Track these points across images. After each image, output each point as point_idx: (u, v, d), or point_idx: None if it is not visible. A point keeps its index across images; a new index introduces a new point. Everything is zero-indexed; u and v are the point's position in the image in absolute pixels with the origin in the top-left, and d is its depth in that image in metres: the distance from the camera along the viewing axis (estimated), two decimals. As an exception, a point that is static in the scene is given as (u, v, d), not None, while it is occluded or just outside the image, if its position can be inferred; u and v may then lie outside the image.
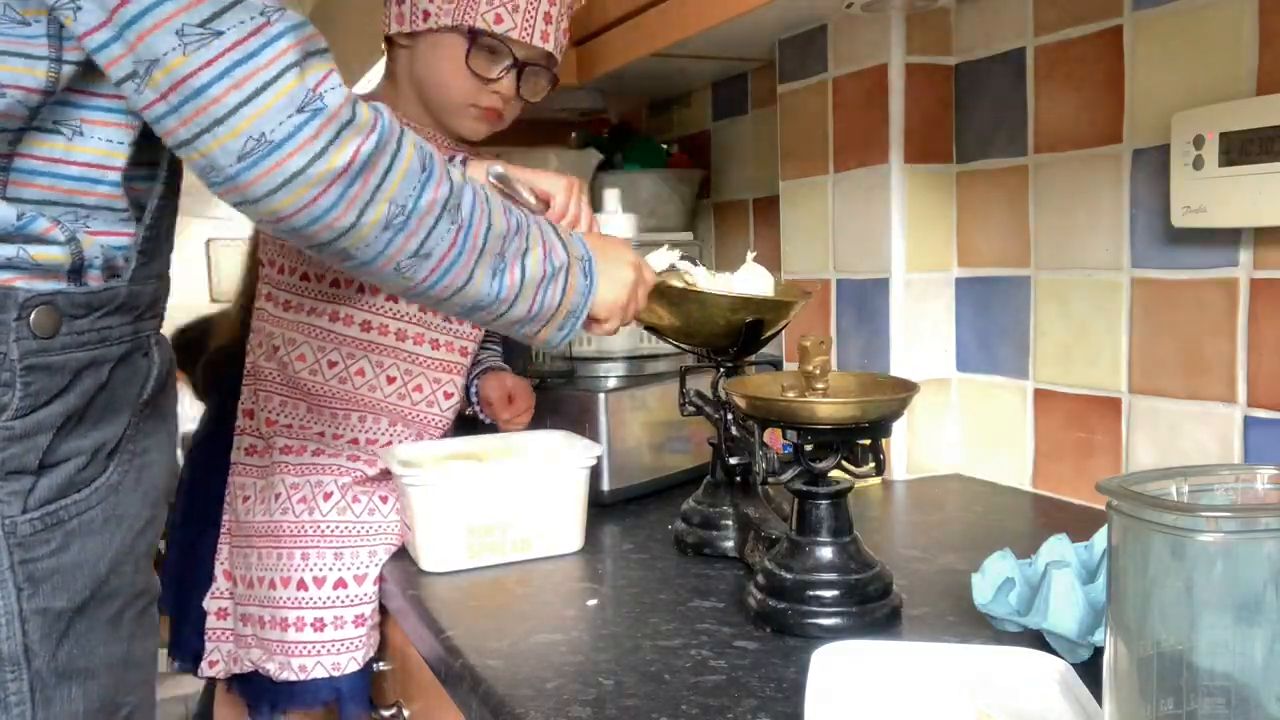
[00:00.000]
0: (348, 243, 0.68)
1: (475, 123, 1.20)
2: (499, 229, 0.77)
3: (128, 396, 0.73)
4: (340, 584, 1.09)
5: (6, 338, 0.64)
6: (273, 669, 1.10)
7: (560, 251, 0.85)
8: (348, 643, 1.09)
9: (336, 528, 1.11)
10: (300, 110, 0.62)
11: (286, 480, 1.14)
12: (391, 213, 0.68)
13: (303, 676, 1.08)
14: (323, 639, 1.09)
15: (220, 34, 0.60)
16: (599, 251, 0.90)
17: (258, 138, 0.61)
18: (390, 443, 1.18)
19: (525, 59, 1.17)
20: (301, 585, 1.09)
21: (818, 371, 0.85)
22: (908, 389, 0.84)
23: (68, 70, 0.64)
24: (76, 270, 0.68)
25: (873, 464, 0.85)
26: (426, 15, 1.14)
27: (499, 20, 1.13)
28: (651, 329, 1.04)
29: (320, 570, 1.10)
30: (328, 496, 1.12)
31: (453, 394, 1.21)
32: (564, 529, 1.06)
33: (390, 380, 1.18)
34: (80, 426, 0.69)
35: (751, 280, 1.02)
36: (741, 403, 0.86)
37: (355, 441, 1.17)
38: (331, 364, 1.18)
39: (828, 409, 0.81)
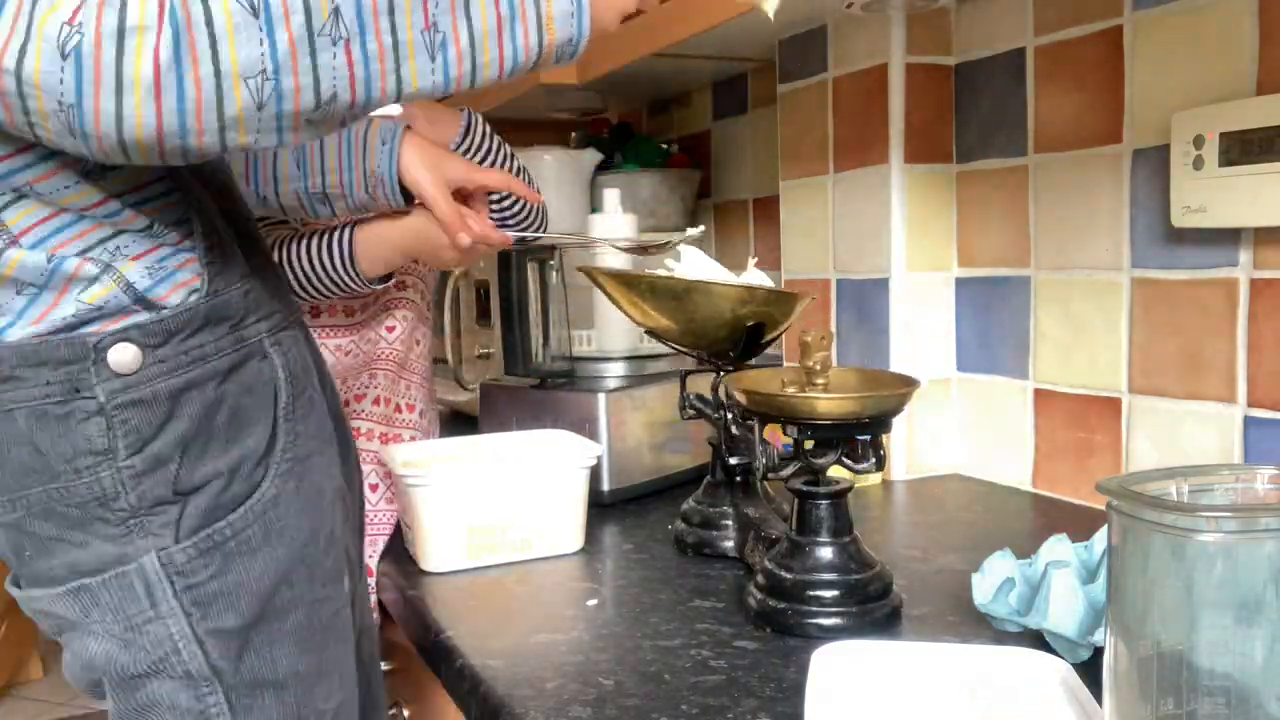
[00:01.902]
0: (235, 141, 0.57)
1: None
2: (407, 5, 0.59)
3: (259, 407, 0.72)
4: None
5: (90, 384, 0.65)
6: None
7: None
8: None
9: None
10: (65, 56, 0.52)
11: None
12: (254, 86, 0.55)
13: None
14: None
15: None
16: None
17: (58, 103, 0.53)
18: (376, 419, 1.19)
19: None
20: None
21: (818, 367, 0.85)
22: (908, 384, 0.84)
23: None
24: (141, 299, 0.67)
25: (873, 460, 0.85)
26: None
27: None
28: (652, 332, 1.04)
29: None
30: None
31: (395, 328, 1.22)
32: (564, 529, 1.06)
33: (347, 354, 1.21)
34: (209, 449, 0.69)
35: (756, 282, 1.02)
36: (741, 398, 0.86)
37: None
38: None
39: (828, 404, 0.81)
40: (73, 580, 0.68)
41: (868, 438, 0.84)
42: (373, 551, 1.10)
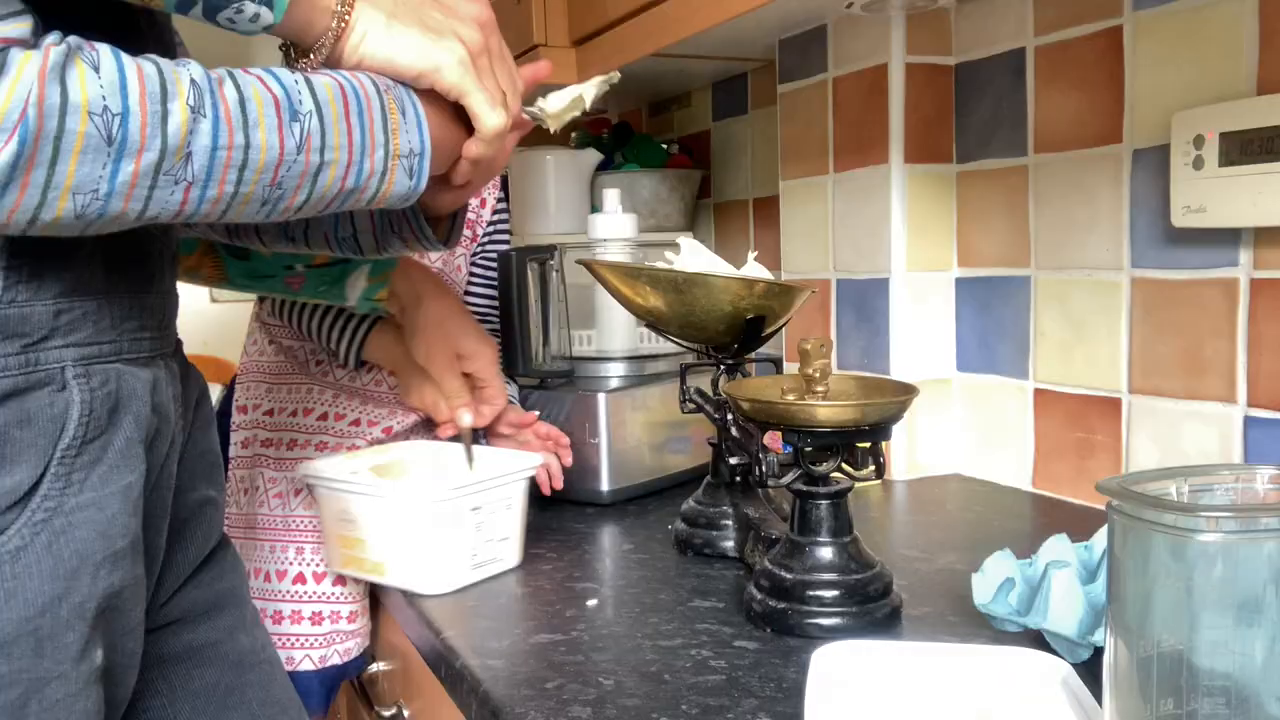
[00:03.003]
0: (35, 232, 0.56)
1: None
2: (263, 161, 0.60)
3: (33, 443, 0.60)
4: (300, 579, 1.11)
5: None
6: None
7: (377, 156, 0.66)
8: (301, 639, 1.10)
9: (305, 523, 1.12)
10: None
11: (265, 474, 1.17)
12: (81, 203, 0.55)
13: None
14: (281, 632, 1.10)
15: None
16: (433, 133, 0.69)
17: None
18: (359, 426, 1.20)
19: None
20: (265, 577, 1.11)
21: (818, 375, 0.85)
22: (908, 392, 0.84)
23: None
24: None
25: (873, 467, 0.85)
26: None
27: None
28: (653, 326, 1.04)
29: (282, 564, 1.11)
30: (298, 493, 1.15)
31: None
32: (413, 563, 0.96)
33: (393, 371, 1.22)
34: None
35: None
36: (742, 405, 0.86)
37: (327, 431, 1.20)
38: (318, 361, 1.22)
39: (827, 412, 0.81)
40: None
41: (867, 445, 0.84)
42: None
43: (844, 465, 0.84)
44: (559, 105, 0.85)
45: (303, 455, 1.17)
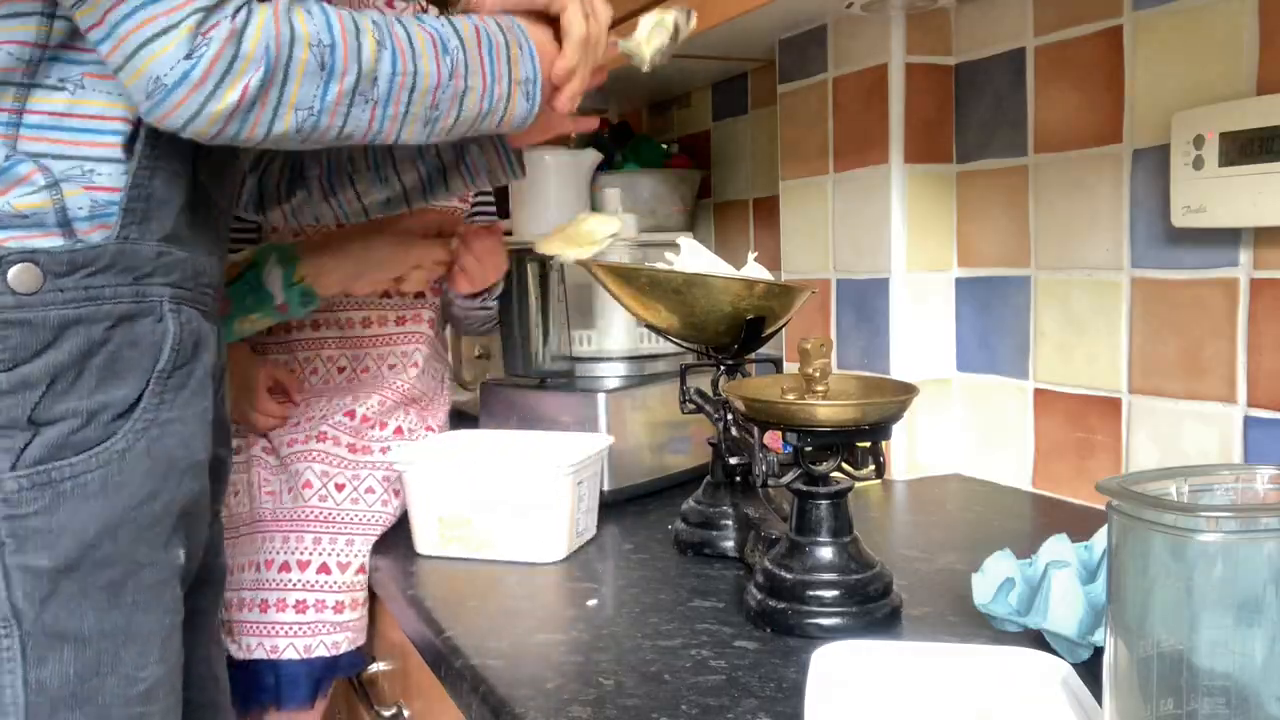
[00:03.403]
0: (271, 143, 0.72)
1: None
2: (426, 85, 0.77)
3: (138, 362, 0.73)
4: (285, 567, 1.11)
5: None
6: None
7: (503, 84, 0.82)
8: (285, 627, 1.10)
9: (294, 513, 1.14)
10: (187, 56, 0.65)
11: (260, 475, 1.18)
12: (300, 118, 0.71)
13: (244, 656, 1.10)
14: (266, 620, 1.10)
15: None
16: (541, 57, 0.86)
17: (154, 80, 0.66)
18: (370, 418, 1.23)
19: None
20: (255, 568, 1.12)
21: (818, 374, 0.85)
22: (908, 391, 0.84)
23: (60, 25, 0.68)
24: (65, 225, 0.69)
25: (873, 466, 0.85)
26: None
27: None
28: (653, 327, 1.04)
29: (269, 554, 1.12)
30: (290, 490, 1.16)
31: (418, 363, 1.29)
32: (531, 535, 1.04)
33: (340, 370, 1.28)
34: (76, 386, 0.69)
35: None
36: (741, 405, 0.86)
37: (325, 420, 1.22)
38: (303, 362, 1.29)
39: (827, 411, 0.81)
40: None
41: (867, 444, 0.84)
42: (355, 550, 1.13)
43: (844, 465, 0.84)
44: (643, 33, 0.96)
45: (303, 449, 1.18)
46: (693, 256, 1.01)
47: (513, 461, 1.13)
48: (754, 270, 1.03)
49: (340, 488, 1.15)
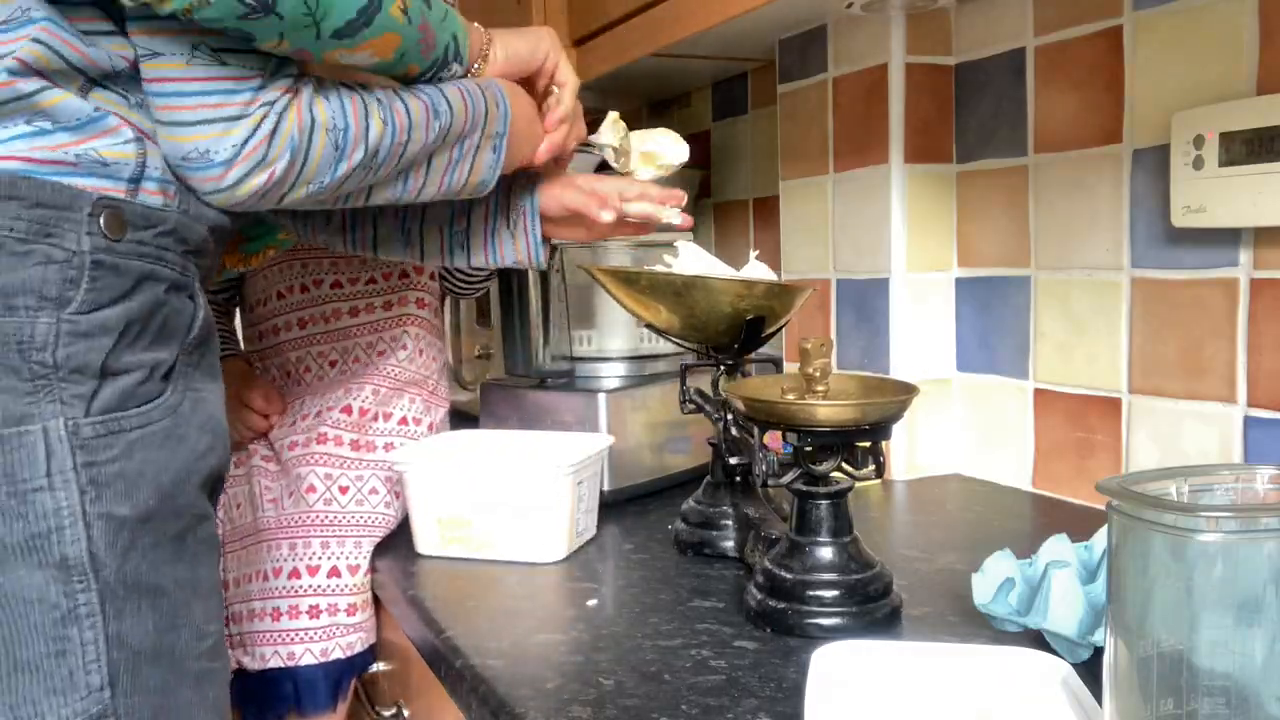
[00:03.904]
0: (273, 205, 0.77)
1: None
2: (414, 153, 0.83)
3: (177, 328, 0.74)
4: (294, 574, 1.11)
5: (79, 231, 0.66)
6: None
7: (474, 137, 0.88)
8: (300, 633, 1.10)
9: (298, 518, 1.13)
10: (243, 144, 0.71)
11: (261, 484, 1.19)
12: (310, 190, 0.77)
13: (261, 666, 1.09)
14: (280, 628, 1.10)
15: (224, 64, 0.70)
16: (515, 116, 0.92)
17: (203, 152, 0.70)
18: (371, 411, 1.24)
19: None
20: (263, 577, 1.12)
21: (818, 374, 0.85)
22: (908, 391, 0.84)
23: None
24: (136, 180, 0.70)
25: (873, 467, 0.85)
26: None
27: None
28: (653, 327, 1.04)
29: (278, 563, 1.12)
30: (291, 494, 1.16)
31: (407, 345, 1.30)
32: (531, 535, 1.04)
33: (332, 364, 1.29)
34: (140, 340, 0.70)
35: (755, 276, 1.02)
36: (741, 405, 0.86)
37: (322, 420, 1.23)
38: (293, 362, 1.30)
39: (827, 411, 0.81)
40: None
41: (867, 444, 0.84)
42: (361, 552, 1.13)
43: (844, 465, 0.84)
44: (605, 135, 1.04)
45: (305, 452, 1.18)
46: (692, 259, 1.01)
47: (512, 462, 1.13)
48: (755, 269, 1.03)
49: (344, 490, 1.15)
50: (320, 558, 1.11)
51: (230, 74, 0.70)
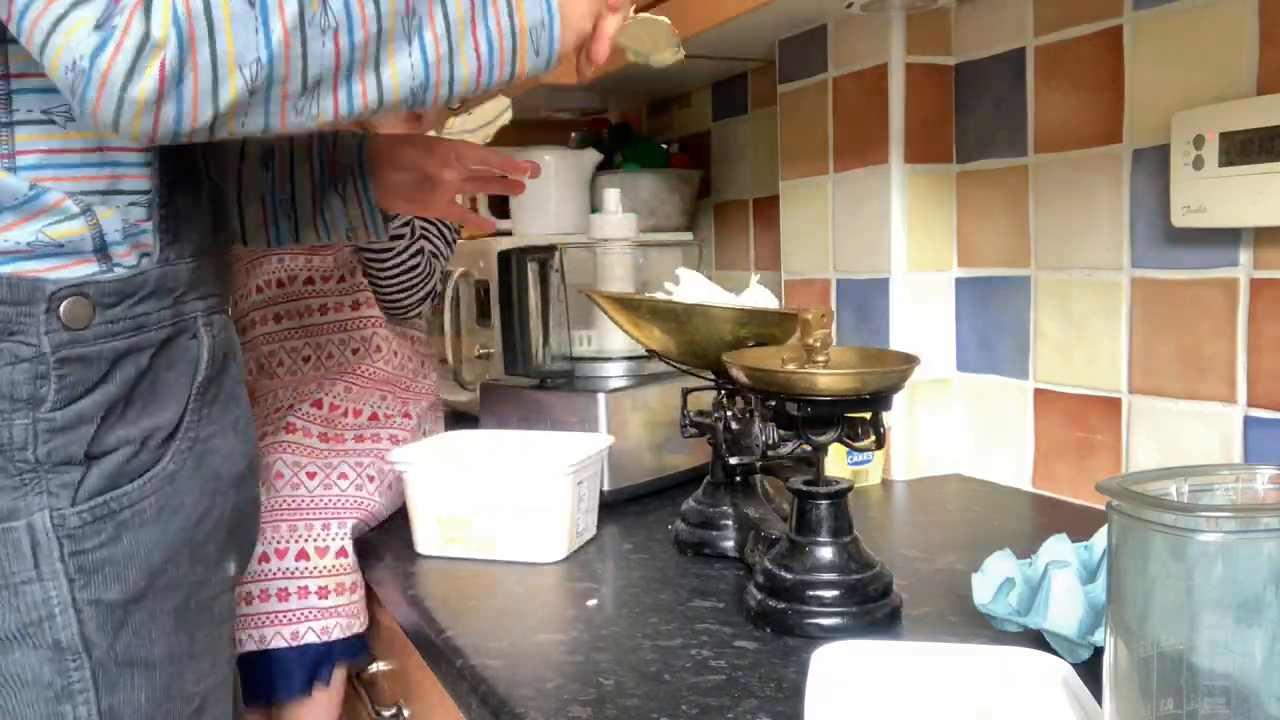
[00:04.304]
0: (235, 123, 0.60)
1: None
2: None
3: (177, 382, 0.72)
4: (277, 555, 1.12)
5: (37, 330, 0.64)
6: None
7: None
8: (269, 616, 1.11)
9: (266, 504, 1.14)
10: (98, 27, 0.55)
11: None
12: (249, 75, 0.57)
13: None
14: (250, 612, 1.11)
15: None
16: None
17: (72, 64, 0.55)
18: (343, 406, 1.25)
19: None
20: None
21: (819, 344, 0.85)
22: (909, 361, 0.83)
23: (15, 49, 0.63)
24: (101, 250, 0.66)
25: (873, 438, 0.84)
26: None
27: None
28: (653, 352, 1.04)
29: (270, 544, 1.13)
30: (262, 483, 1.16)
31: (380, 346, 1.30)
32: (532, 535, 1.03)
33: (305, 359, 1.30)
34: (126, 414, 0.68)
35: (756, 302, 1.02)
36: (741, 375, 0.86)
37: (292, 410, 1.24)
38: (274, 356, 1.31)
39: (827, 380, 0.81)
40: None
41: (867, 415, 0.84)
42: (342, 532, 1.13)
43: (844, 437, 0.83)
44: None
45: (273, 441, 1.20)
46: (692, 286, 1.02)
47: (512, 462, 1.13)
48: (757, 294, 1.04)
49: (312, 476, 1.16)
50: (288, 541, 1.11)
51: None
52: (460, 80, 0.66)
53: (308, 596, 1.10)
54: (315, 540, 1.12)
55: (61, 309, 0.64)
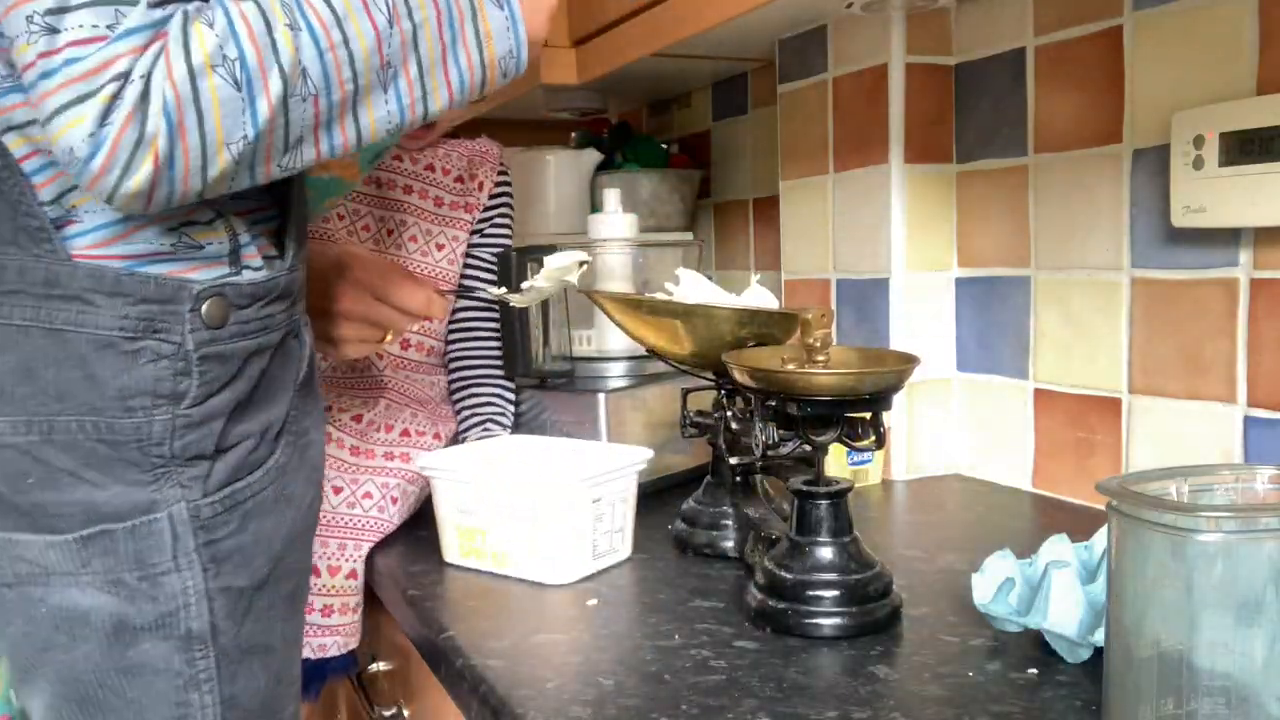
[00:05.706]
0: (222, 188, 0.64)
1: None
2: (365, 46, 0.64)
3: (286, 379, 0.75)
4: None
5: (182, 329, 0.66)
6: None
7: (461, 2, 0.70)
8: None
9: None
10: (99, 126, 0.57)
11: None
12: (235, 151, 0.61)
13: None
14: None
15: (57, 31, 0.57)
16: None
17: (69, 150, 0.58)
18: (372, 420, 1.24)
19: None
20: None
21: (818, 344, 0.85)
22: (909, 361, 0.83)
23: None
24: (234, 254, 0.70)
25: (873, 438, 0.84)
26: None
27: None
28: (653, 352, 1.04)
29: None
30: None
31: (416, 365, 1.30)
32: (545, 554, 0.97)
33: (353, 368, 1.28)
34: (248, 411, 0.72)
35: (756, 302, 1.02)
36: (741, 374, 0.86)
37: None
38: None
39: (827, 380, 0.81)
40: (88, 527, 0.66)
41: (867, 415, 0.84)
42: (357, 555, 1.12)
43: (844, 437, 0.83)
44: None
45: (336, 453, 1.18)
46: (693, 287, 1.02)
47: (523, 472, 1.09)
48: (757, 293, 1.04)
49: (338, 490, 1.15)
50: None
51: (70, 39, 0.57)
52: (435, 112, 0.70)
53: (312, 613, 1.09)
54: (330, 559, 1.10)
55: (204, 309, 0.67)
